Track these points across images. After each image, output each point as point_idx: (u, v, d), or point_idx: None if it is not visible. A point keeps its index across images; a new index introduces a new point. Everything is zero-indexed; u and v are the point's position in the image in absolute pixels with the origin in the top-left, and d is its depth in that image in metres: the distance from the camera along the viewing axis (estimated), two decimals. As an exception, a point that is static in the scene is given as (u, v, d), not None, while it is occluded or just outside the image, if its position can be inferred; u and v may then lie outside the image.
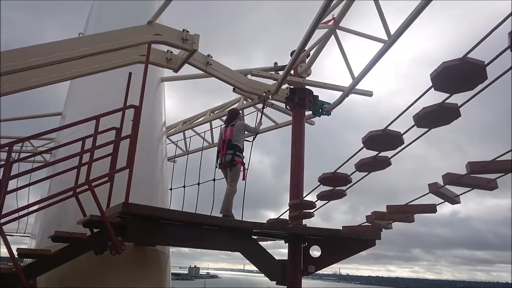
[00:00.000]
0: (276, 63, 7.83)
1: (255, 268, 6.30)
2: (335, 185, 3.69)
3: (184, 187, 10.24)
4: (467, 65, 2.01)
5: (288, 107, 7.80)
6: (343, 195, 3.91)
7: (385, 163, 3.12)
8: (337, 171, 3.41)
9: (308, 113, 7.87)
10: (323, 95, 7.84)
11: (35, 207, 5.04)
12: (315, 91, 7.68)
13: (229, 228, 5.97)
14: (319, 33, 6.66)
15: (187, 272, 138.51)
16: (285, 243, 6.43)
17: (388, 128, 2.70)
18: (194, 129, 11.55)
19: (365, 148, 2.92)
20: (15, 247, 4.73)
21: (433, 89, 2.25)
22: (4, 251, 4.15)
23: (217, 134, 10.76)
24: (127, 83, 5.73)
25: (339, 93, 7.54)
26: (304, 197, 5.23)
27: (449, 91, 2.25)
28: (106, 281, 5.63)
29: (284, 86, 7.63)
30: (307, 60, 7.54)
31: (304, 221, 6.12)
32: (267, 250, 6.19)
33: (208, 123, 10.96)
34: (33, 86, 5.24)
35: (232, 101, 9.78)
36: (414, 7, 4.89)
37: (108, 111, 5.02)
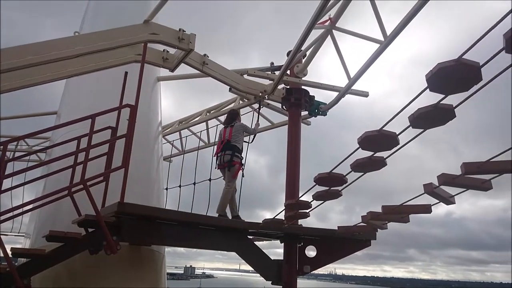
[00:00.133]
0: (272, 63, 7.83)
1: (250, 268, 6.30)
2: (331, 185, 3.70)
3: (180, 186, 10.23)
4: (462, 66, 2.02)
5: (284, 107, 7.81)
6: (338, 195, 3.92)
7: (381, 163, 3.13)
8: (332, 171, 3.42)
9: (304, 113, 7.89)
10: (319, 96, 7.83)
11: (30, 206, 5.01)
12: (311, 91, 7.69)
13: (225, 228, 5.97)
14: (315, 33, 6.67)
15: (182, 272, 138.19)
16: (281, 243, 6.44)
17: (383, 128, 2.71)
18: (190, 128, 11.53)
19: (360, 148, 2.92)
20: (9, 247, 4.73)
21: (428, 90, 2.26)
22: (-2, 250, 4.13)
23: (213, 134, 10.78)
24: (123, 82, 5.71)
25: (335, 94, 7.55)
26: (299, 197, 5.23)
27: (444, 92, 2.26)
28: (101, 281, 5.61)
29: (280, 86, 7.64)
30: (304, 60, 7.55)
31: (299, 221, 6.13)
32: (263, 250, 6.20)
33: (204, 123, 10.95)
34: (29, 84, 5.21)
35: (228, 101, 9.78)
36: (410, 8, 4.91)
37: (103, 110, 5.00)
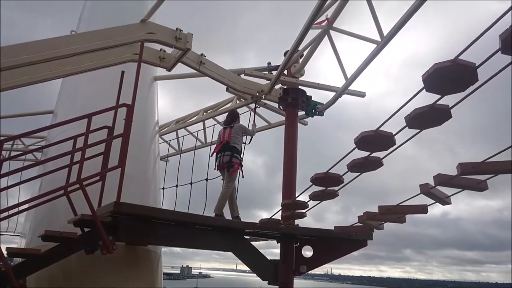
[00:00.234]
0: (269, 63, 7.83)
1: (247, 268, 6.30)
2: (327, 185, 3.70)
3: (176, 186, 10.21)
4: (459, 67, 2.02)
5: (281, 107, 7.80)
6: (335, 196, 3.92)
7: (377, 163, 3.13)
8: (329, 172, 3.42)
9: (301, 113, 7.89)
10: (316, 96, 7.86)
11: (26, 206, 4.99)
12: (308, 92, 7.69)
13: (222, 228, 5.97)
14: (312, 34, 6.68)
15: (179, 271, 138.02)
16: (277, 243, 6.44)
17: (380, 129, 2.71)
18: (187, 128, 11.53)
19: (357, 148, 2.92)
20: (5, 246, 4.70)
21: (424, 90, 2.26)
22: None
23: (210, 133, 10.78)
24: (120, 82, 5.70)
25: (332, 94, 7.56)
26: (296, 197, 5.23)
27: (440, 93, 2.27)
28: (97, 281, 5.59)
29: (277, 86, 7.64)
30: (301, 60, 7.55)
31: (296, 221, 6.13)
32: (259, 250, 6.20)
33: (201, 123, 10.94)
34: (25, 83, 5.19)
35: (225, 101, 9.77)
36: (407, 8, 4.92)
37: (100, 110, 4.99)
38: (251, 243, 6.31)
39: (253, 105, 8.22)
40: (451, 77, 2.09)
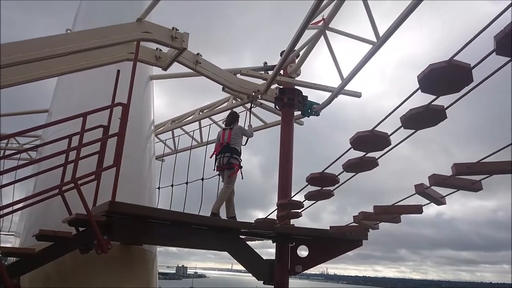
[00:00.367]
0: (265, 63, 7.83)
1: (243, 268, 6.30)
2: (323, 185, 3.70)
3: (172, 186, 10.19)
4: (454, 67, 2.03)
5: (277, 107, 7.81)
6: (330, 195, 3.93)
7: (373, 163, 3.15)
8: (324, 172, 3.42)
9: (297, 113, 7.90)
10: (312, 96, 7.87)
11: (20, 205, 4.96)
12: (304, 92, 7.70)
13: (217, 227, 5.96)
14: (308, 34, 6.68)
15: (174, 271, 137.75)
16: (273, 242, 6.44)
17: (375, 129, 2.72)
18: (183, 127, 11.50)
19: (352, 148, 2.93)
20: (-1, 246, 4.67)
21: (420, 90, 2.27)
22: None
23: (206, 133, 10.76)
24: (115, 81, 5.68)
25: (328, 94, 7.57)
26: (292, 197, 5.24)
27: (435, 93, 2.28)
28: (91, 281, 5.57)
29: (273, 86, 7.64)
30: (297, 60, 7.56)
31: (292, 221, 6.14)
32: (255, 249, 6.20)
33: (197, 122, 10.92)
34: (20, 82, 5.16)
35: (221, 101, 9.76)
36: (403, 9, 4.93)
37: (95, 109, 4.97)
38: (247, 242, 6.31)
39: (249, 105, 8.22)
40: (447, 77, 2.10)
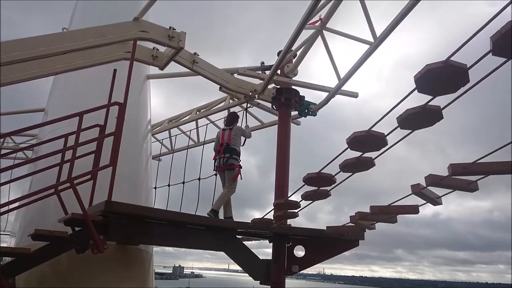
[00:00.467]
0: (262, 63, 7.83)
1: (239, 268, 6.29)
2: (320, 185, 3.71)
3: (169, 185, 10.17)
4: (450, 68, 2.04)
5: (274, 107, 7.80)
6: (327, 195, 3.93)
7: (369, 163, 3.15)
8: (321, 172, 3.43)
9: (294, 113, 7.89)
10: (309, 96, 7.87)
11: (16, 204, 4.93)
12: (302, 92, 7.70)
13: (214, 227, 5.95)
14: (306, 34, 6.69)
15: (171, 271, 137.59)
16: (270, 242, 6.43)
17: (372, 129, 2.72)
18: (179, 127, 11.49)
19: (349, 148, 2.93)
20: (-6, 245, 4.65)
21: (416, 91, 2.27)
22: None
23: (203, 133, 10.75)
24: (112, 80, 5.66)
25: (325, 94, 7.57)
26: (289, 197, 5.24)
27: (432, 93, 2.28)
28: (87, 281, 5.55)
29: (270, 86, 7.64)
30: (294, 60, 7.56)
31: (288, 221, 6.13)
32: (252, 249, 6.19)
33: (194, 122, 10.90)
34: (16, 81, 5.13)
35: (218, 100, 9.75)
36: (400, 10, 4.94)
37: (92, 108, 4.95)
38: (243, 242, 6.30)
39: (245, 105, 8.22)
40: (443, 78, 2.10)
